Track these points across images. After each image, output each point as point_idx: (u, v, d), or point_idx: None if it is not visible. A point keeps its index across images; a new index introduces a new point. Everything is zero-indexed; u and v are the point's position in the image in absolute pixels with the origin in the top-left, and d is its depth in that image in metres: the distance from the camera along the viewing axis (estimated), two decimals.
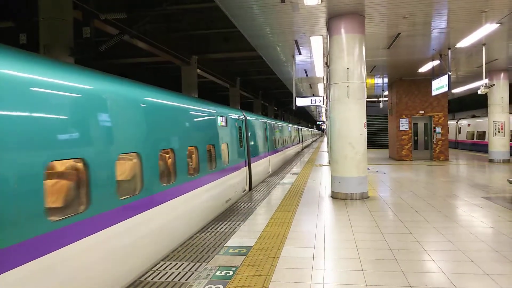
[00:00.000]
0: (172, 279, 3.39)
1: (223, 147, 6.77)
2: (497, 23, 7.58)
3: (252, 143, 9.47)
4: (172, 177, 4.58)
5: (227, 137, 7.00)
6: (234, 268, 3.59)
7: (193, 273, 3.53)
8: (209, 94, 26.17)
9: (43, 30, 7.81)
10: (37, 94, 2.51)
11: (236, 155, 7.55)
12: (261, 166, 10.49)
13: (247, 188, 8.40)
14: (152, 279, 3.42)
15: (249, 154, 8.80)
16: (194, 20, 11.65)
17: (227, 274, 3.45)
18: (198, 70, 15.19)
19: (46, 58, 2.94)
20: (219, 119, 6.58)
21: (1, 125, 2.22)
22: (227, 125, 7.05)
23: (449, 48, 9.67)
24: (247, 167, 8.51)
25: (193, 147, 5.26)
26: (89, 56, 8.28)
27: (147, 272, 3.59)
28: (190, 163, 5.29)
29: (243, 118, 8.80)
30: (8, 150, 2.24)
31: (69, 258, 2.61)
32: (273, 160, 12.62)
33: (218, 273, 3.50)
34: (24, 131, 2.36)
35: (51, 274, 2.46)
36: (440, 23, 7.75)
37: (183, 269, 3.63)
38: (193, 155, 5.38)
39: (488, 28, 7.85)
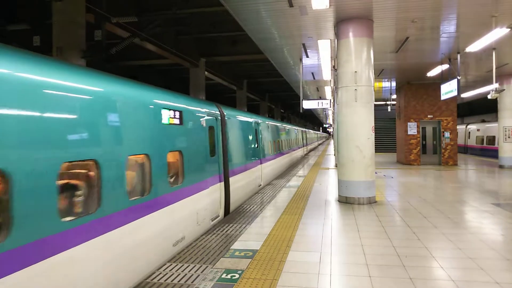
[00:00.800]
0: (178, 281, 3.41)
1: (173, 157, 4.58)
2: (507, 28, 7.48)
3: (233, 149, 7.20)
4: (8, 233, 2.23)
5: (183, 141, 4.79)
6: (240, 271, 3.60)
7: (199, 275, 3.55)
8: (217, 96, 26.29)
9: (57, 32, 7.97)
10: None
11: (201, 167, 5.31)
12: (248, 179, 8.20)
13: (221, 213, 6.17)
14: (158, 280, 3.45)
15: (226, 165, 6.50)
16: (203, 23, 11.76)
17: (233, 277, 3.46)
18: (206, 72, 15.30)
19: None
20: (165, 114, 4.32)
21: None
22: (183, 124, 4.78)
23: (458, 53, 9.58)
24: (223, 183, 6.26)
25: (90, 163, 3.03)
26: (101, 58, 8.41)
27: (153, 274, 3.62)
28: (78, 195, 2.99)
29: (218, 114, 6.39)
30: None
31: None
32: (266, 170, 10.41)
33: (224, 275, 3.51)
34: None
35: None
36: (449, 28, 7.68)
37: (189, 271, 3.65)
38: (90, 177, 3.06)
39: (498, 33, 7.74)
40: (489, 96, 10.58)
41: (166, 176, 4.23)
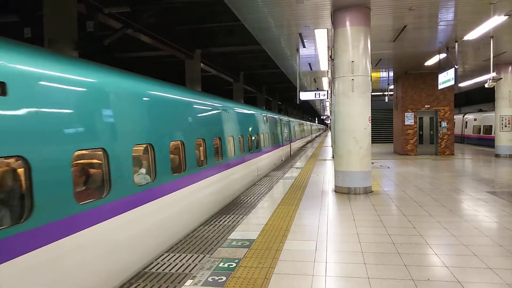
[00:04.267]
0: (176, 271, 3.43)
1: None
2: (505, 15, 7.43)
3: None
4: None
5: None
6: (237, 260, 3.63)
7: (196, 264, 3.57)
8: (213, 88, 26.14)
9: (48, 24, 7.83)
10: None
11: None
12: None
13: None
14: (156, 270, 3.46)
15: None
16: (198, 13, 11.59)
17: (230, 266, 3.49)
18: (202, 64, 15.15)
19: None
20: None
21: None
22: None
23: (456, 41, 9.52)
24: None
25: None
26: (93, 50, 8.29)
27: (151, 264, 3.64)
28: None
29: None
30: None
31: None
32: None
33: (221, 264, 3.53)
34: None
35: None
36: (447, 15, 7.62)
37: (186, 261, 3.67)
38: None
39: (496, 20, 7.70)
40: (486, 85, 10.59)
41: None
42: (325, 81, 17.23)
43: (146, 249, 3.80)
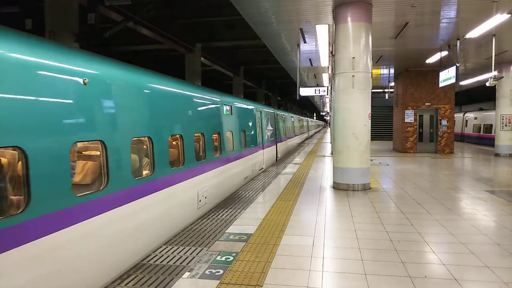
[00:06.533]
0: (174, 263, 3.44)
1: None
2: (508, 14, 7.38)
3: None
4: None
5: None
6: (234, 254, 3.64)
7: (194, 257, 3.58)
8: (213, 82, 26.06)
9: (49, 15, 7.78)
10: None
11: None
12: None
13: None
14: (154, 262, 3.48)
15: None
16: (199, 7, 11.50)
17: (227, 259, 3.50)
18: (202, 58, 15.07)
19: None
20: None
21: None
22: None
23: (458, 39, 9.47)
24: None
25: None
26: (94, 42, 8.24)
27: (148, 256, 3.65)
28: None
29: None
30: None
31: None
32: None
33: (218, 258, 3.54)
34: None
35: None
36: (449, 13, 7.57)
37: (184, 254, 3.68)
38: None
39: (498, 19, 7.66)
40: (487, 84, 10.54)
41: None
42: (325, 77, 17.18)
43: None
